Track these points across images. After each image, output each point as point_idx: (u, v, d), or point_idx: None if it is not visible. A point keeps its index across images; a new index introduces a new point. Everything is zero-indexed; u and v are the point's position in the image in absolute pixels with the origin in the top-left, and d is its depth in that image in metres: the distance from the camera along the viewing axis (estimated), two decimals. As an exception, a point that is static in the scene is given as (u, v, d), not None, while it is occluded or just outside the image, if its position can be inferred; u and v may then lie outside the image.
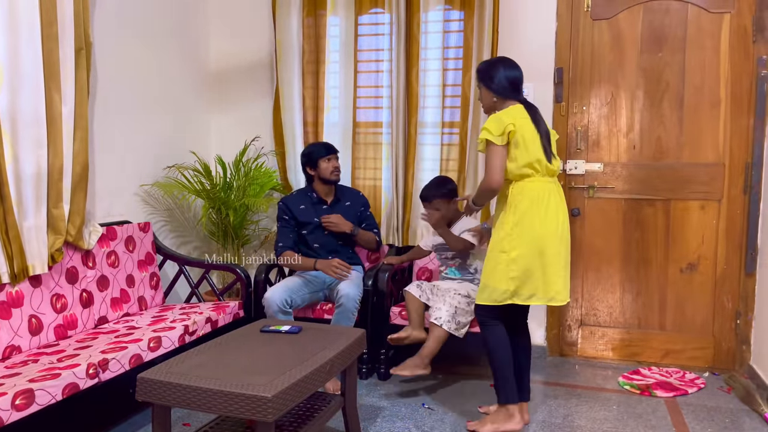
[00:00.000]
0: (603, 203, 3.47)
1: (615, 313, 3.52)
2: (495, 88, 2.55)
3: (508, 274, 2.46)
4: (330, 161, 3.26)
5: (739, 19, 3.22)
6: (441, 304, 2.88)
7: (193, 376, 1.92)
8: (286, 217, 3.26)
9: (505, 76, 2.54)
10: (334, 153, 3.29)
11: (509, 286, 2.47)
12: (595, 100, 3.44)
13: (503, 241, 2.48)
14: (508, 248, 2.47)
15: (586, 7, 3.40)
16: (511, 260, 2.46)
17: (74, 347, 2.44)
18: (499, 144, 2.41)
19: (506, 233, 2.48)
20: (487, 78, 2.57)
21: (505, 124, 2.41)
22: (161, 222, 3.57)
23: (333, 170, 3.26)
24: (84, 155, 2.77)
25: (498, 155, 2.43)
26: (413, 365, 2.84)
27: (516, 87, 2.57)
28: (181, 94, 3.75)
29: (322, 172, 3.25)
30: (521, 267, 2.45)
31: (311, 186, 3.33)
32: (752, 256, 3.26)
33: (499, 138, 2.41)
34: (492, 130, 2.42)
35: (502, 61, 2.60)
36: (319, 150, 3.26)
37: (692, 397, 3.03)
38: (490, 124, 2.45)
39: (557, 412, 2.82)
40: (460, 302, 2.89)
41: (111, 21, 3.12)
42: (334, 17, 3.68)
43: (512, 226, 2.46)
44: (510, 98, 2.56)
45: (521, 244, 2.46)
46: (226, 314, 3.03)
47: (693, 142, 3.33)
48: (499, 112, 2.48)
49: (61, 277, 2.68)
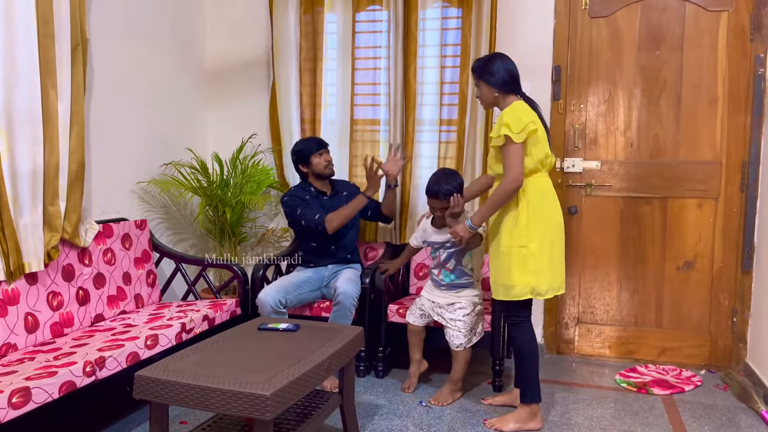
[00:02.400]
0: (600, 201, 3.47)
1: (612, 310, 3.52)
2: (496, 82, 2.53)
3: (527, 268, 2.49)
4: (322, 156, 3.23)
5: (737, 18, 3.22)
6: (455, 330, 2.85)
7: (191, 374, 1.91)
8: (304, 199, 3.21)
9: (505, 69, 2.54)
10: (324, 147, 3.26)
11: (529, 281, 2.50)
12: (592, 98, 3.44)
13: (519, 236, 2.49)
14: (525, 242, 2.48)
15: (584, 5, 3.40)
16: (530, 254, 2.48)
17: (71, 345, 2.43)
18: (518, 141, 2.40)
19: (522, 227, 2.48)
20: (486, 73, 2.55)
21: (526, 123, 2.40)
22: (158, 219, 3.56)
23: (326, 164, 3.24)
24: (80, 152, 2.75)
25: (519, 154, 2.41)
26: (449, 393, 2.90)
27: (516, 80, 2.56)
28: (177, 91, 3.73)
29: (315, 167, 3.23)
30: (540, 260, 2.49)
31: (307, 182, 3.31)
32: (749, 254, 3.27)
33: (520, 135, 2.40)
34: (512, 127, 2.39)
35: (498, 56, 2.60)
36: (310, 146, 3.23)
37: (689, 394, 3.04)
38: (509, 119, 2.41)
39: (554, 410, 2.82)
40: (469, 319, 2.87)
41: (107, 18, 3.10)
42: (332, 14, 3.67)
43: (528, 220, 2.48)
44: (511, 92, 2.55)
45: (537, 236, 2.49)
46: (223, 312, 3.02)
47: (690, 140, 3.33)
48: (514, 109, 2.46)
49: (57, 275, 2.67)
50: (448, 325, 2.87)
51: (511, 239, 2.51)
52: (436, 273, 2.95)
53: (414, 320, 3.00)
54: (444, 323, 2.89)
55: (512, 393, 2.85)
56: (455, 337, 2.85)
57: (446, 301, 2.90)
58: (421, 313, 2.99)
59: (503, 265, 2.53)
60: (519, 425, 2.59)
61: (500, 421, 2.62)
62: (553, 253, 2.54)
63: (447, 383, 2.92)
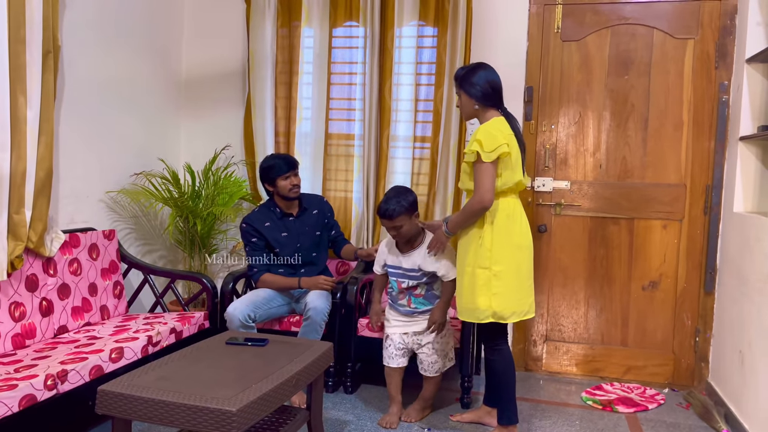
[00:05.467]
0: (569, 220, 3.53)
1: (579, 328, 3.57)
2: (476, 94, 2.46)
3: (490, 290, 2.44)
4: (288, 179, 3.09)
5: (703, 45, 3.33)
6: (433, 357, 2.80)
7: (156, 388, 1.88)
8: (254, 239, 3.13)
9: (487, 81, 2.47)
10: (293, 169, 3.11)
11: (491, 304, 2.44)
12: (563, 119, 3.51)
13: (482, 257, 2.44)
14: (488, 264, 2.43)
15: (557, 29, 3.48)
16: (493, 276, 2.43)
17: (32, 357, 2.38)
18: (486, 161, 2.35)
19: (486, 249, 2.43)
20: (467, 83, 2.48)
21: (499, 143, 2.35)
22: (127, 230, 3.51)
23: (292, 188, 3.10)
24: (48, 160, 2.71)
25: (489, 173, 2.36)
26: (419, 409, 2.86)
27: (499, 93, 2.50)
28: (151, 101, 3.70)
29: (280, 190, 3.11)
30: (504, 282, 2.44)
31: (273, 201, 3.21)
32: (711, 275, 3.35)
33: (490, 155, 2.34)
34: (484, 146, 2.34)
35: (482, 66, 2.53)
36: (279, 167, 3.08)
37: (652, 412, 3.09)
38: (482, 136, 2.36)
39: (521, 427, 2.84)
40: (444, 340, 2.84)
41: (81, 25, 3.07)
42: (309, 29, 3.69)
43: (492, 242, 2.43)
44: (492, 107, 2.49)
45: (502, 259, 2.44)
46: (191, 325, 2.98)
47: (656, 163, 3.42)
48: (490, 127, 2.41)
49: (20, 285, 2.61)
50: (426, 350, 2.80)
51: (475, 259, 2.47)
52: (403, 300, 2.82)
53: (395, 363, 2.82)
54: (421, 350, 2.81)
55: (480, 410, 2.85)
56: (433, 364, 2.80)
57: (422, 326, 2.79)
58: (401, 353, 2.83)
59: (465, 285, 2.50)
60: None
61: None
62: (520, 276, 2.50)
63: (418, 400, 2.88)
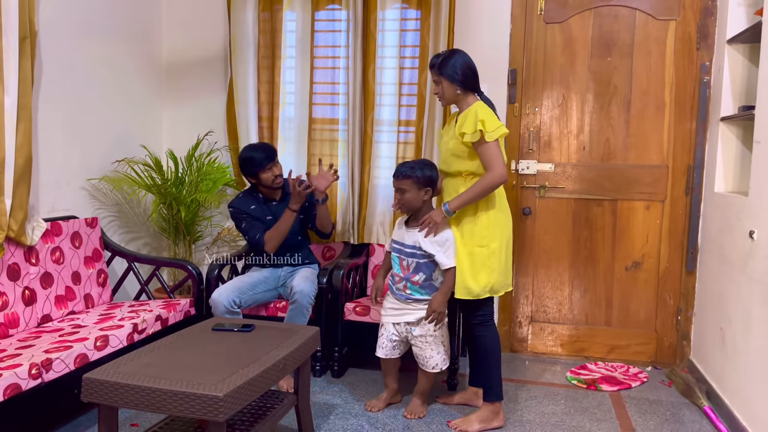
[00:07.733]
0: (553, 203, 3.55)
1: (564, 309, 3.61)
2: (458, 79, 2.52)
3: (489, 267, 2.54)
4: (269, 170, 3.09)
5: (684, 27, 3.34)
6: (427, 352, 2.67)
7: (142, 375, 1.88)
8: (244, 214, 3.15)
9: (467, 66, 2.55)
10: (272, 160, 3.10)
11: (490, 279, 2.55)
12: (547, 102, 3.52)
13: (480, 236, 2.54)
14: (486, 242, 2.54)
15: (540, 11, 3.47)
16: (491, 253, 2.54)
17: (16, 347, 2.36)
18: (491, 141, 2.43)
19: (484, 227, 2.54)
20: (449, 69, 2.53)
21: (499, 125, 2.45)
22: (110, 217, 3.48)
23: (275, 178, 3.11)
24: (27, 147, 2.67)
25: (499, 151, 2.46)
26: (421, 404, 2.77)
27: (476, 77, 2.58)
28: (132, 87, 3.65)
29: (263, 182, 3.12)
30: (499, 258, 2.56)
31: (255, 188, 3.21)
32: (693, 254, 3.40)
33: (493, 134, 2.43)
34: (487, 126, 2.42)
35: (458, 51, 2.59)
36: (260, 161, 3.06)
37: (635, 390, 3.14)
38: (485, 116, 2.43)
39: (507, 407, 2.87)
40: (440, 332, 2.70)
41: (59, 10, 3.01)
42: (291, 12, 3.64)
43: (489, 221, 2.54)
44: (471, 91, 2.57)
45: (497, 236, 2.56)
46: (176, 312, 2.98)
47: (639, 145, 3.44)
48: (482, 109, 2.47)
49: (2, 274, 2.58)
50: (419, 344, 2.68)
51: (471, 239, 2.55)
52: (401, 286, 2.69)
53: (383, 354, 2.75)
54: (414, 342, 2.69)
55: (467, 392, 2.88)
56: (430, 359, 2.67)
57: (415, 316, 2.66)
58: (393, 345, 2.74)
59: (463, 264, 2.56)
60: (483, 425, 2.62)
61: (464, 422, 2.63)
62: (509, 251, 2.64)
63: (417, 395, 2.78)
